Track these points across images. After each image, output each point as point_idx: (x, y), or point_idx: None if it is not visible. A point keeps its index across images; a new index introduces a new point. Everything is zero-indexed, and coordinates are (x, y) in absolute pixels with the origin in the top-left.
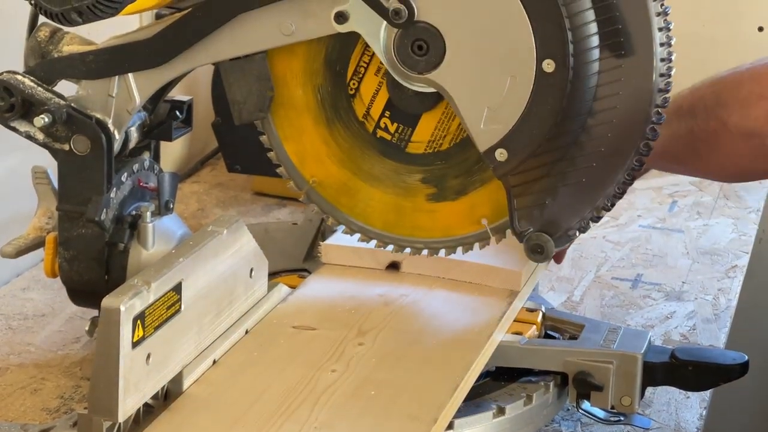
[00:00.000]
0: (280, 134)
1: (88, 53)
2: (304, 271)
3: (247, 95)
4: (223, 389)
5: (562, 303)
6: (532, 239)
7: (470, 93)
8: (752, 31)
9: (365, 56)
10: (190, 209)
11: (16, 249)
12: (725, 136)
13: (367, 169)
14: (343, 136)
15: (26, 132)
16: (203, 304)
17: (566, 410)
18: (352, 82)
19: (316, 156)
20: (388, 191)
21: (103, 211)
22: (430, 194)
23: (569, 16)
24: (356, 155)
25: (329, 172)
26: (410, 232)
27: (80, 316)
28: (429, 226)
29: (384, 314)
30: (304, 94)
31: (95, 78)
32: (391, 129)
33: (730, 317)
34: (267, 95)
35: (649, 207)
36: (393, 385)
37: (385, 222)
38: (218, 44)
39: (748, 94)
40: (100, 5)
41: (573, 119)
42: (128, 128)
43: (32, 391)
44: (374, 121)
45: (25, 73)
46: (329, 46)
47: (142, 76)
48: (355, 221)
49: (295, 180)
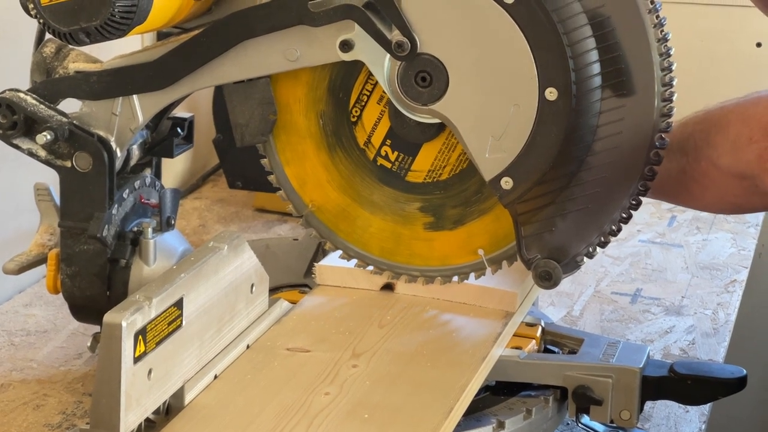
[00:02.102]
0: (281, 158)
1: (91, 74)
2: (305, 287)
3: (250, 118)
4: (217, 411)
5: (561, 317)
6: (540, 266)
7: (474, 123)
8: (750, 47)
9: (368, 84)
10: (191, 225)
11: (18, 265)
12: (717, 176)
13: (366, 195)
14: (343, 163)
15: (28, 149)
16: (204, 319)
17: (566, 424)
18: (355, 109)
19: (316, 181)
20: (386, 218)
21: (105, 228)
22: (428, 223)
23: (570, 45)
24: (356, 182)
25: (329, 197)
26: (407, 259)
27: (82, 332)
28: (426, 254)
29: (378, 336)
30: (306, 119)
31: (98, 99)
32: (392, 157)
33: (729, 332)
34: (269, 119)
35: (649, 222)
36: (387, 408)
37: (382, 249)
38: (222, 68)
39: (737, 136)
40: (109, 27)
41: (577, 146)
42: (130, 146)
43: (35, 406)
44: (375, 149)
45: (29, 91)
46: (333, 73)
47: (146, 97)
48: (353, 247)
49: (294, 203)
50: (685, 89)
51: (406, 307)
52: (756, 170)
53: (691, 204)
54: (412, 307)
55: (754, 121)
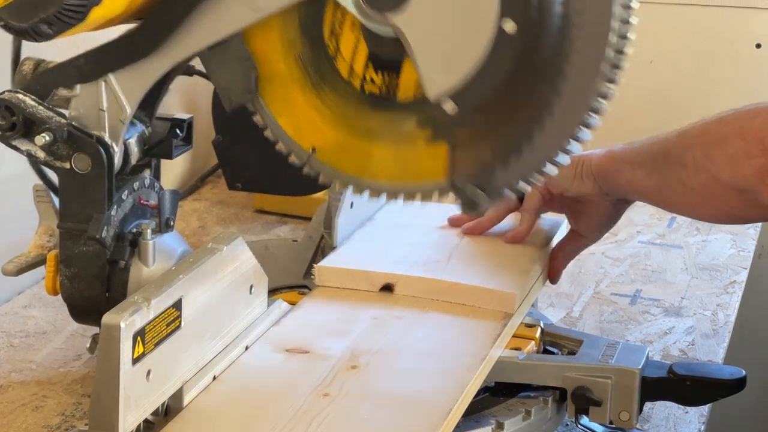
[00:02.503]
0: (272, 110)
1: (77, 57)
2: (304, 288)
3: (232, 79)
4: (216, 413)
5: (561, 319)
6: (466, 193)
7: (427, 41)
8: (750, 48)
9: (338, 14)
10: (191, 227)
11: (17, 267)
12: (717, 189)
13: (362, 126)
14: (332, 99)
15: (27, 150)
16: (203, 320)
17: (565, 425)
18: (331, 43)
19: (310, 124)
20: (387, 143)
21: (104, 229)
22: (429, 136)
23: None
24: (349, 114)
25: (326, 137)
26: (417, 178)
27: (81, 333)
28: (434, 168)
29: (377, 337)
30: (286, 65)
31: (88, 80)
32: (378, 81)
33: (728, 333)
34: (251, 75)
35: (648, 223)
36: (386, 409)
37: (389, 174)
38: (193, 35)
39: (735, 151)
40: (67, 11)
41: (523, 81)
42: (126, 140)
43: (34, 408)
44: (359, 76)
45: (21, 90)
46: (301, 13)
47: (126, 81)
48: (361, 180)
49: (295, 153)
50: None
51: (405, 307)
52: (755, 185)
53: (689, 214)
54: (411, 307)
55: (750, 136)
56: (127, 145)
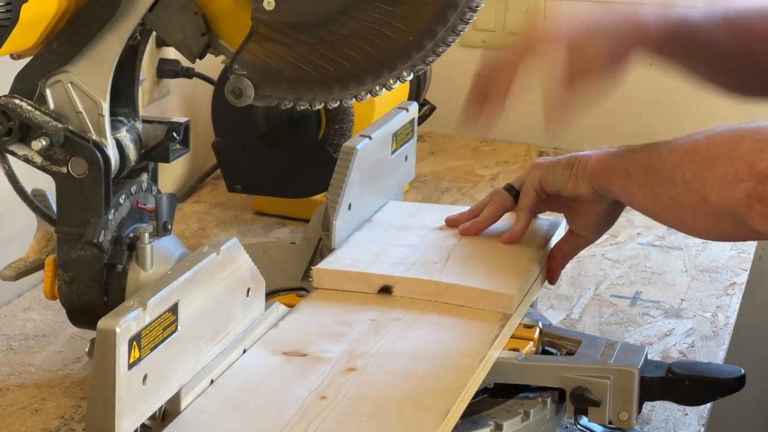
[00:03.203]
0: (229, 43)
1: (50, 42)
2: (302, 290)
3: (184, 30)
4: (213, 417)
5: (561, 321)
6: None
7: None
8: None
9: None
10: (190, 229)
11: (15, 272)
12: (708, 210)
13: None
14: None
15: (24, 155)
16: (200, 324)
17: (564, 426)
18: None
19: None
20: None
21: (101, 233)
22: None
23: None
24: None
25: None
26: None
27: (81, 336)
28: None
29: (375, 339)
30: None
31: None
32: None
33: (728, 334)
34: (198, 18)
35: (648, 224)
36: (384, 411)
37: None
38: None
39: (724, 175)
40: None
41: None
42: (123, 143)
43: (33, 411)
44: None
45: (11, 93)
46: None
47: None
48: None
49: None
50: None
51: (403, 309)
52: (743, 210)
53: (685, 231)
54: (409, 309)
55: (739, 160)
56: (125, 150)
